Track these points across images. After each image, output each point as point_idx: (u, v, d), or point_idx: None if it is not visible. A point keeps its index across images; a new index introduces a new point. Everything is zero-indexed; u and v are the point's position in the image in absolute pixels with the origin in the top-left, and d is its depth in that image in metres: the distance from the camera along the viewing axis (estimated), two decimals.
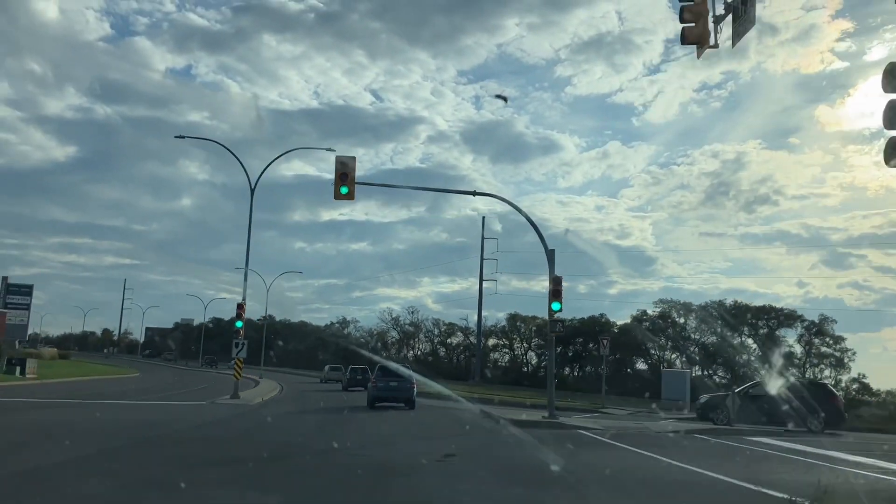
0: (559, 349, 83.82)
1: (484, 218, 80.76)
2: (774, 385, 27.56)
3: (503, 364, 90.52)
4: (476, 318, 79.54)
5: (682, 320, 72.89)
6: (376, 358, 47.64)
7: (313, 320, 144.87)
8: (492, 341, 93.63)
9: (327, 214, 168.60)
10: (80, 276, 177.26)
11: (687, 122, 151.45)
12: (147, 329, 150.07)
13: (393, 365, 33.56)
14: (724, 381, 58.70)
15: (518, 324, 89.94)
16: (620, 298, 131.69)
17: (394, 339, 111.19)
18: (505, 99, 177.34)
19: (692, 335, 71.32)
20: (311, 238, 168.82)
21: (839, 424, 27.87)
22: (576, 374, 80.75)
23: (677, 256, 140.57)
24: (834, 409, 27.67)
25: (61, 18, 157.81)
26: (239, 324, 34.30)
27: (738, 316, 65.63)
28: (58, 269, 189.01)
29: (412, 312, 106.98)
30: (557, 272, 25.99)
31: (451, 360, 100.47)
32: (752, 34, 10.59)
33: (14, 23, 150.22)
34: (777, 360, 51.03)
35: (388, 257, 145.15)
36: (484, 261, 77.89)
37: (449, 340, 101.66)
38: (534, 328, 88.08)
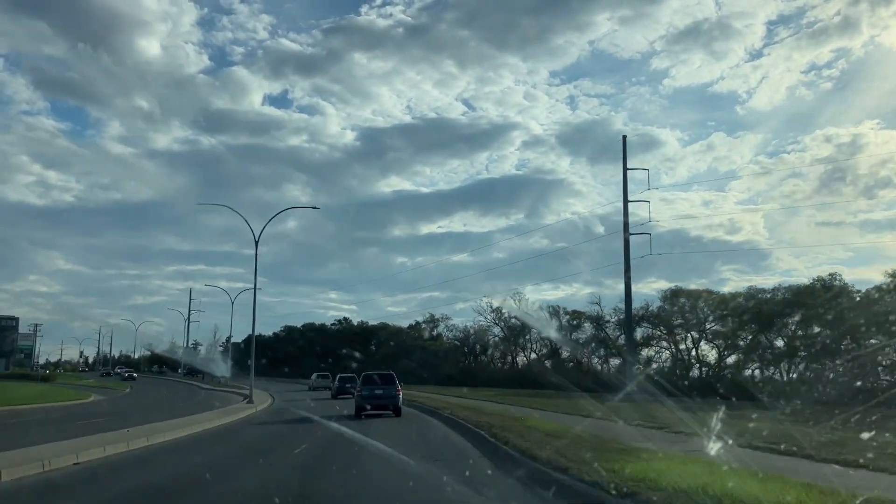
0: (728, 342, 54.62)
1: (625, 138, 51.78)
2: None
3: (662, 364, 60.58)
4: (625, 299, 50.02)
5: None
6: None
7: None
8: (638, 332, 64.08)
9: (426, 228, 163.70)
10: (196, 301, 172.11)
11: (795, 106, 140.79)
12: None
13: (377, 372, 33.02)
14: None
15: (681, 301, 60.00)
16: None
17: (496, 338, 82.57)
18: None
19: None
20: (412, 252, 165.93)
21: None
22: (789, 374, 50.34)
23: (793, 249, 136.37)
24: None
25: (163, 54, 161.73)
26: None
27: None
28: (175, 295, 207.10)
29: (519, 301, 78.25)
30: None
31: (577, 361, 71.25)
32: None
33: (121, 63, 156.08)
34: None
35: (488, 267, 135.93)
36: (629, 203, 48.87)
37: (575, 335, 72.55)
38: (706, 305, 58.18)
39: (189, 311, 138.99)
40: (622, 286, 48.87)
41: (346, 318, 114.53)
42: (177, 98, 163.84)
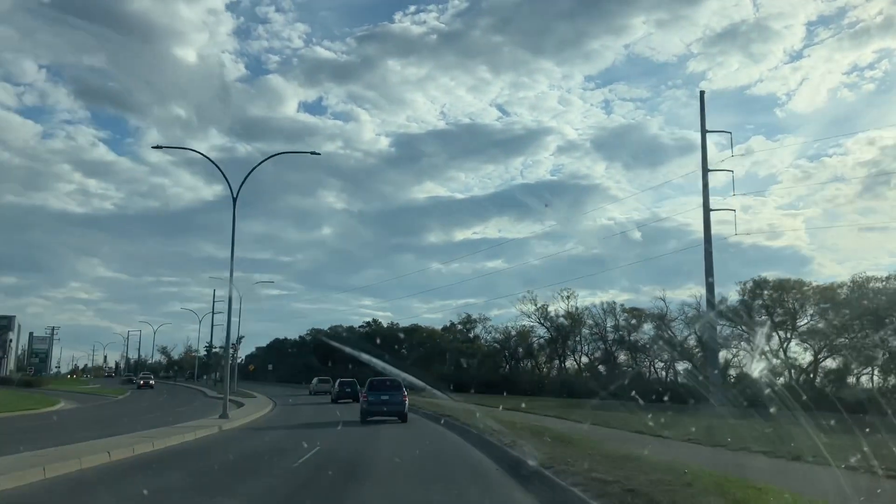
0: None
1: (703, 94, 42.77)
2: None
3: (743, 369, 50.97)
4: (706, 283, 40.70)
5: None
6: None
7: None
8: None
9: (461, 234, 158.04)
10: (234, 308, 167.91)
11: (837, 108, 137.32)
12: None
13: (383, 378, 31.26)
14: None
15: (766, 294, 50.47)
16: None
17: (541, 340, 73.32)
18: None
19: None
20: (447, 258, 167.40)
21: None
22: None
23: (835, 255, 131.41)
24: None
25: (200, 63, 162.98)
26: None
27: None
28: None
29: (568, 297, 69.02)
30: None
31: (637, 367, 61.88)
32: None
33: (159, 72, 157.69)
34: None
35: (523, 273, 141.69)
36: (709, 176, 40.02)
37: (633, 337, 63.21)
38: (798, 298, 48.83)
39: (213, 312, 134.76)
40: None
41: (375, 320, 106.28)
42: (213, 106, 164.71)
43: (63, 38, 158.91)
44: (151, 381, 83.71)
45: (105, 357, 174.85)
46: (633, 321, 61.64)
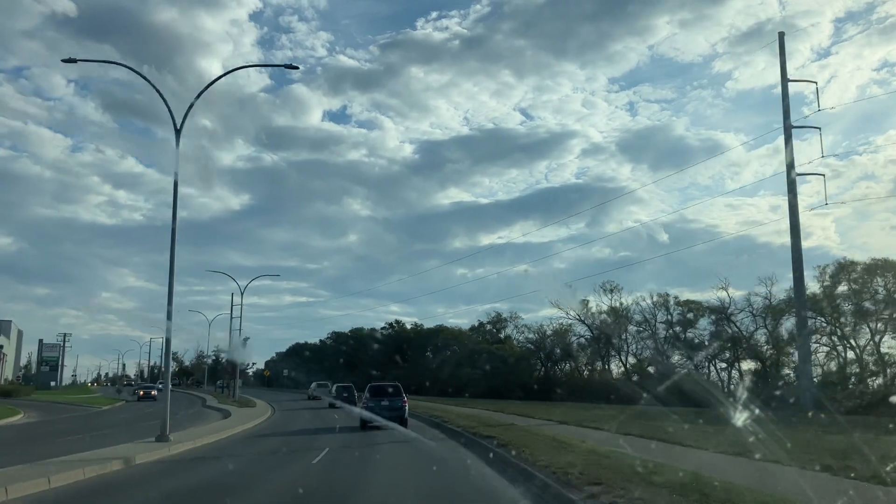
0: None
1: (782, 35, 35.40)
2: None
3: (827, 368, 43.43)
4: (792, 259, 33.15)
5: None
6: None
7: None
8: (785, 324, 47.22)
9: (486, 239, 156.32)
10: (263, 315, 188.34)
11: (867, 105, 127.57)
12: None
13: (383, 383, 32.27)
14: None
15: (852, 279, 42.80)
16: None
17: (583, 340, 65.81)
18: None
19: None
20: (472, 263, 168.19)
21: None
22: None
23: (866, 254, 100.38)
24: None
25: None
26: None
27: None
28: (242, 311, 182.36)
29: (611, 291, 61.61)
30: None
31: (691, 368, 54.28)
32: None
33: (183, 83, 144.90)
34: None
35: (550, 277, 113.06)
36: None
37: (688, 334, 55.67)
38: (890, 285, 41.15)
39: (230, 318, 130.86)
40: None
41: (397, 321, 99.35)
42: (239, 117, 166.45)
43: (89, 51, 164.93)
44: (154, 392, 75.35)
45: (123, 366, 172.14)
46: (690, 314, 54.03)
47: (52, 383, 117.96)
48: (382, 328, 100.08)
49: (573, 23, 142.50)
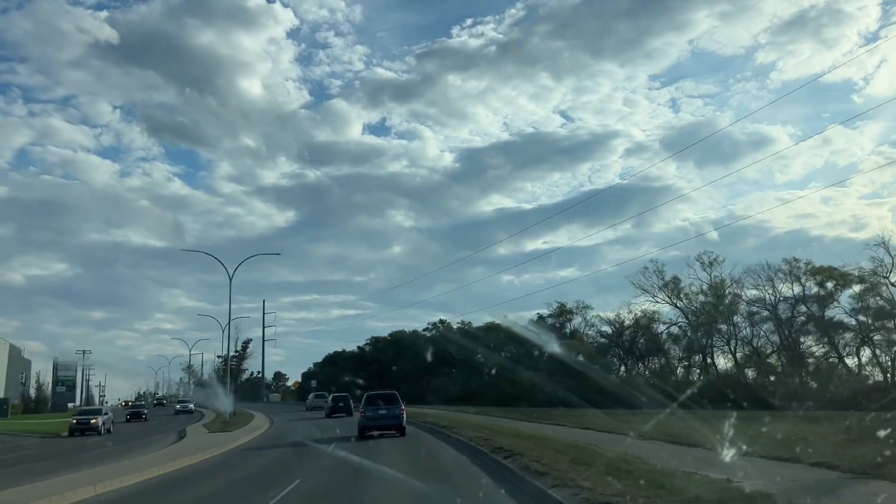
0: None
1: None
2: None
3: None
4: None
5: None
6: None
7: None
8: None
9: (531, 244, 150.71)
10: (313, 330, 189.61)
11: None
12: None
13: (380, 391, 32.61)
14: None
15: None
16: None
17: (679, 328, 51.67)
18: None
19: None
20: (518, 269, 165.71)
21: None
22: None
23: None
24: None
25: (265, 93, 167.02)
26: None
27: None
28: (292, 325, 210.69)
29: (710, 264, 47.51)
30: None
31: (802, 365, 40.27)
32: None
33: (226, 105, 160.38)
34: None
35: (597, 281, 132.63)
36: None
37: (826, 312, 41.24)
38: None
39: (263, 329, 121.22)
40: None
41: (442, 321, 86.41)
42: (281, 134, 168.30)
43: (133, 77, 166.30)
44: (144, 413, 66.14)
45: (157, 384, 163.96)
46: (830, 285, 39.74)
47: (71, 404, 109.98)
48: (425, 329, 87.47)
49: (610, 21, 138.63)
